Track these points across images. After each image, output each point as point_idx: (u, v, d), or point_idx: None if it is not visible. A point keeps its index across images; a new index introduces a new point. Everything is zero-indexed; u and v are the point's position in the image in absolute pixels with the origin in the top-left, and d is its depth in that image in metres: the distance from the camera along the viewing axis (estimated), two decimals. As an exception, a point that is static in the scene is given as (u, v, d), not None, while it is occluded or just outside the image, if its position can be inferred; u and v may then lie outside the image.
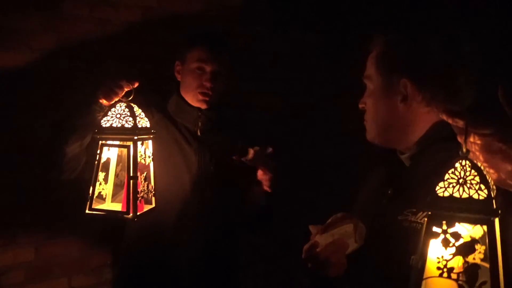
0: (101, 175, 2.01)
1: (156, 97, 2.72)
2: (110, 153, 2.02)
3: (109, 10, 2.91)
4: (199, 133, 2.61)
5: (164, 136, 2.58)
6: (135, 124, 1.96)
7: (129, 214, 1.94)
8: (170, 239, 2.52)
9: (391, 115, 1.59)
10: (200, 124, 2.61)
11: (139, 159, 2.01)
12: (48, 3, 2.70)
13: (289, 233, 3.27)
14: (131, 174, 1.94)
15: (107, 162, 2.02)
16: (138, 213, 1.98)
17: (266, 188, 2.47)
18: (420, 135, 1.59)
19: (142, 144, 2.04)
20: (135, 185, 1.95)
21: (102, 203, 2.01)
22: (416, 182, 1.53)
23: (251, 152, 2.37)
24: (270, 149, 2.39)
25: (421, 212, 1.45)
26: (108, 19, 2.91)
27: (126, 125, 1.96)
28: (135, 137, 1.95)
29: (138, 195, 1.97)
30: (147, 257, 2.56)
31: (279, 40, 3.63)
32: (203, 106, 2.59)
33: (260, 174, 2.46)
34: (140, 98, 2.68)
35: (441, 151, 1.47)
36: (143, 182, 2.04)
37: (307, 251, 1.52)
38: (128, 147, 1.96)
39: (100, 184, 2.01)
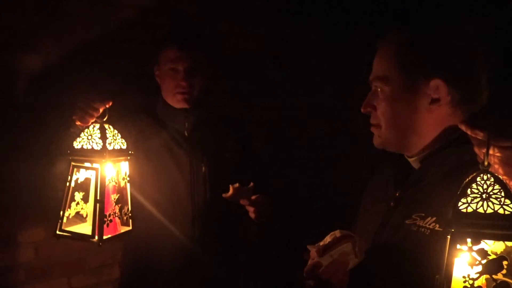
0: (78, 195, 2.00)
1: (149, 99, 2.71)
2: (89, 173, 1.99)
3: (109, 10, 2.89)
4: (186, 133, 2.60)
5: (155, 139, 2.57)
6: (104, 146, 1.94)
7: (94, 238, 1.93)
8: (166, 241, 2.52)
9: (414, 119, 1.50)
10: (187, 124, 2.60)
11: (110, 182, 1.99)
12: (48, 3, 2.67)
13: (289, 233, 3.29)
14: (98, 198, 1.93)
15: (86, 182, 1.99)
16: (107, 236, 1.95)
17: (254, 218, 2.46)
18: (433, 138, 1.52)
19: (114, 166, 2.02)
20: (102, 209, 1.93)
21: (84, 222, 2.00)
22: (425, 185, 1.50)
23: (230, 189, 2.36)
24: (251, 185, 2.38)
25: (430, 217, 1.41)
26: (108, 19, 2.89)
27: (96, 147, 1.94)
28: (103, 160, 1.94)
29: (106, 219, 1.95)
30: (145, 260, 2.56)
31: (279, 40, 3.62)
32: (185, 105, 2.56)
33: (246, 206, 2.43)
34: (130, 104, 2.70)
35: (453, 156, 1.45)
36: (113, 205, 2.02)
37: (308, 272, 1.50)
38: (96, 169, 1.95)
39: (78, 204, 2.00)
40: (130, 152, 2.09)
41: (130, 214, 2.11)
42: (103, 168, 1.94)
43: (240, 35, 3.40)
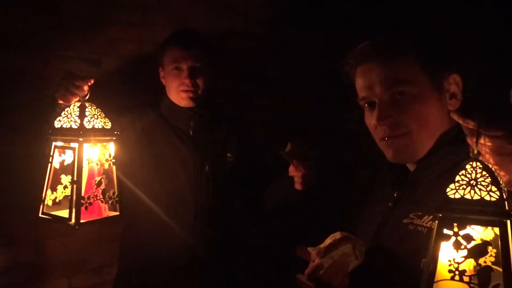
0: (66, 179, 1.94)
1: (154, 97, 2.72)
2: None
3: (109, 10, 2.90)
4: (191, 133, 2.61)
5: (159, 136, 2.60)
6: (81, 124, 1.89)
7: (70, 220, 1.87)
8: (168, 239, 2.53)
9: (443, 117, 1.50)
10: (192, 123, 2.61)
11: (91, 162, 1.94)
12: (48, 3, 2.69)
13: (289, 232, 3.28)
14: (74, 178, 1.87)
15: (73, 164, 1.91)
16: (86, 220, 1.90)
17: (297, 185, 2.41)
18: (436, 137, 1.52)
19: (96, 146, 1.97)
20: (79, 190, 1.87)
21: None
22: (422, 185, 1.51)
23: (289, 145, 2.33)
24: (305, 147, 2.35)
25: (427, 216, 1.43)
26: (108, 19, 2.90)
27: (74, 126, 1.90)
28: (80, 138, 1.88)
29: (84, 201, 1.88)
30: (145, 257, 2.57)
31: (279, 40, 3.63)
32: (190, 104, 2.59)
33: (291, 170, 2.40)
34: (134, 99, 2.71)
35: (448, 156, 1.46)
36: (94, 187, 1.96)
37: (310, 274, 1.51)
38: (73, 149, 1.89)
39: (66, 187, 1.94)
40: (116, 132, 2.04)
41: (117, 199, 2.04)
42: (80, 147, 1.89)
43: (240, 35, 3.41)
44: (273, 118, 3.58)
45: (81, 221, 1.88)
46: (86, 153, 1.92)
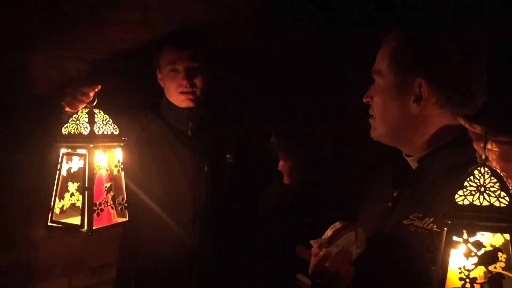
0: (72, 186, 1.95)
1: (154, 97, 2.72)
2: (82, 162, 1.93)
3: (109, 10, 2.89)
4: (190, 133, 2.60)
5: (158, 137, 2.59)
6: (91, 131, 1.90)
7: (83, 227, 1.88)
8: (166, 241, 2.53)
9: (402, 115, 1.54)
10: (191, 124, 2.60)
11: (100, 169, 1.94)
12: (48, 3, 2.68)
13: (289, 233, 3.28)
14: (86, 185, 1.88)
15: (80, 172, 1.93)
16: (98, 226, 1.91)
17: (286, 179, 2.33)
18: (428, 137, 1.54)
19: (105, 152, 1.98)
20: (90, 197, 1.88)
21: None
22: (423, 186, 1.51)
23: (272, 137, 2.29)
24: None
25: (428, 218, 1.43)
26: (108, 19, 2.89)
27: (83, 132, 1.90)
28: (91, 145, 1.89)
29: (95, 208, 1.89)
30: (144, 259, 2.57)
31: (279, 40, 3.62)
32: (190, 105, 2.59)
33: (280, 164, 2.32)
34: (134, 99, 2.70)
35: (451, 156, 1.46)
36: (105, 193, 1.97)
37: (317, 266, 1.48)
38: (83, 155, 1.90)
39: (73, 195, 1.95)
40: (123, 138, 2.05)
41: (125, 204, 2.05)
42: (91, 153, 1.90)
43: (240, 35, 3.40)
44: (273, 118, 3.58)
45: (93, 227, 1.89)
46: (95, 159, 1.92)
